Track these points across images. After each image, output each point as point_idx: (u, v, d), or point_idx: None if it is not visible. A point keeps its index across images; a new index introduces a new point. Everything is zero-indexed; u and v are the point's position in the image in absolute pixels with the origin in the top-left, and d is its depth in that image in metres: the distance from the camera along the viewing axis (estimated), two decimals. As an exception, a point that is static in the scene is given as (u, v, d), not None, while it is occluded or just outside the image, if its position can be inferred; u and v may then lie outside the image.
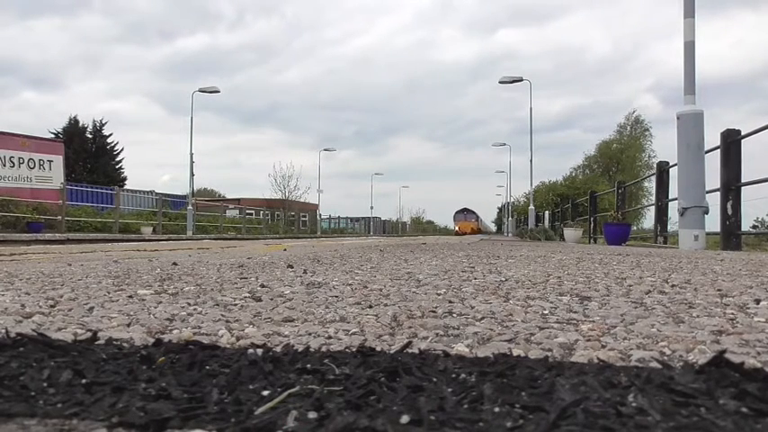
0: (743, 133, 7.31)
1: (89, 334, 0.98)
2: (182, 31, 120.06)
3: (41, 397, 0.65)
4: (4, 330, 0.94)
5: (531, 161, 25.74)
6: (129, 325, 1.15)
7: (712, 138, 7.53)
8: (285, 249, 4.85)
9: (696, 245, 6.88)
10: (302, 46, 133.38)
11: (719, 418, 0.56)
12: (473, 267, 2.82)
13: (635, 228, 20.41)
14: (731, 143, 7.32)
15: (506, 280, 2.15)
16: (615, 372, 0.72)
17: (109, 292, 1.65)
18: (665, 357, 0.87)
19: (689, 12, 7.32)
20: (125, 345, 0.89)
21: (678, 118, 7.21)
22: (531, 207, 26.48)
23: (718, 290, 1.82)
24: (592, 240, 15.19)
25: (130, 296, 1.58)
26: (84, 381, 0.70)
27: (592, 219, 16.37)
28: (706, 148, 7.29)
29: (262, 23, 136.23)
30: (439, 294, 1.67)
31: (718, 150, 7.45)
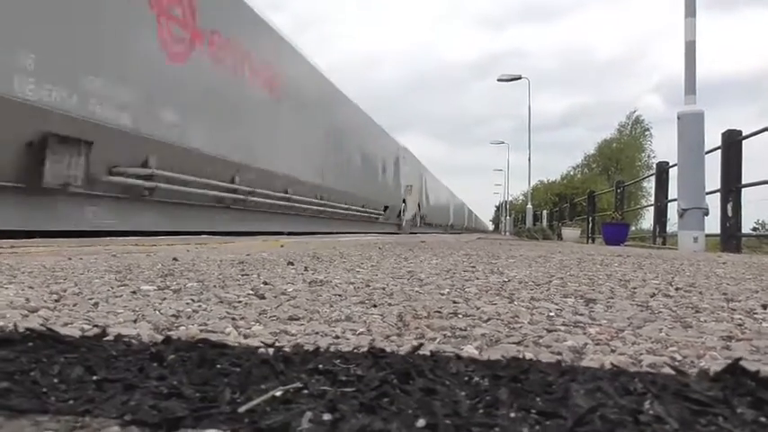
0: (744, 134, 7.33)
1: (96, 329, 0.98)
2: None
3: (53, 393, 0.65)
4: (12, 325, 0.94)
5: (529, 159, 25.77)
6: (135, 321, 1.15)
7: (716, 138, 7.55)
8: (282, 246, 4.84)
9: (695, 246, 6.89)
10: (309, 43, 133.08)
11: (738, 427, 0.56)
12: (474, 267, 2.81)
13: (633, 228, 20.44)
14: (731, 144, 7.33)
15: (509, 281, 2.14)
16: (629, 378, 0.71)
17: (112, 287, 1.65)
18: (677, 363, 0.87)
19: (690, 11, 7.31)
20: (134, 341, 0.89)
21: (679, 118, 7.22)
22: (529, 206, 26.52)
23: (724, 294, 1.82)
24: (590, 240, 15.21)
25: (134, 291, 1.57)
26: (95, 378, 0.70)
27: (590, 218, 16.40)
28: (707, 149, 7.30)
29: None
30: (442, 294, 1.67)
31: (719, 151, 7.47)
